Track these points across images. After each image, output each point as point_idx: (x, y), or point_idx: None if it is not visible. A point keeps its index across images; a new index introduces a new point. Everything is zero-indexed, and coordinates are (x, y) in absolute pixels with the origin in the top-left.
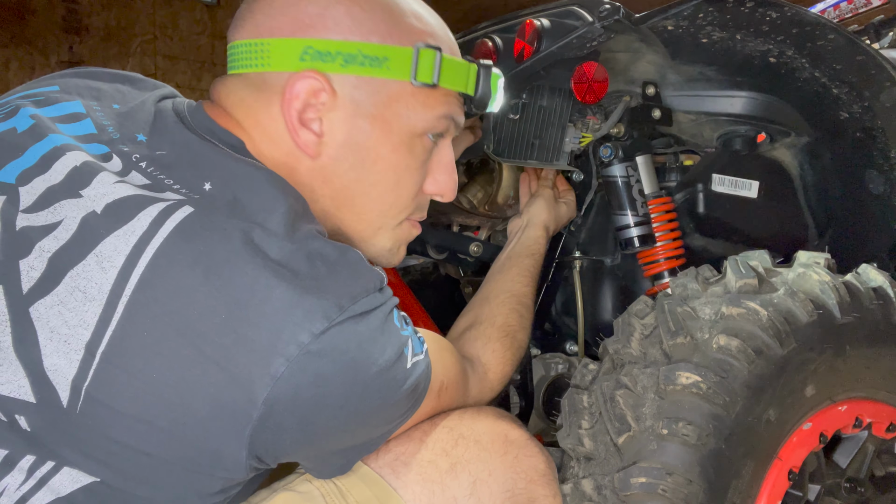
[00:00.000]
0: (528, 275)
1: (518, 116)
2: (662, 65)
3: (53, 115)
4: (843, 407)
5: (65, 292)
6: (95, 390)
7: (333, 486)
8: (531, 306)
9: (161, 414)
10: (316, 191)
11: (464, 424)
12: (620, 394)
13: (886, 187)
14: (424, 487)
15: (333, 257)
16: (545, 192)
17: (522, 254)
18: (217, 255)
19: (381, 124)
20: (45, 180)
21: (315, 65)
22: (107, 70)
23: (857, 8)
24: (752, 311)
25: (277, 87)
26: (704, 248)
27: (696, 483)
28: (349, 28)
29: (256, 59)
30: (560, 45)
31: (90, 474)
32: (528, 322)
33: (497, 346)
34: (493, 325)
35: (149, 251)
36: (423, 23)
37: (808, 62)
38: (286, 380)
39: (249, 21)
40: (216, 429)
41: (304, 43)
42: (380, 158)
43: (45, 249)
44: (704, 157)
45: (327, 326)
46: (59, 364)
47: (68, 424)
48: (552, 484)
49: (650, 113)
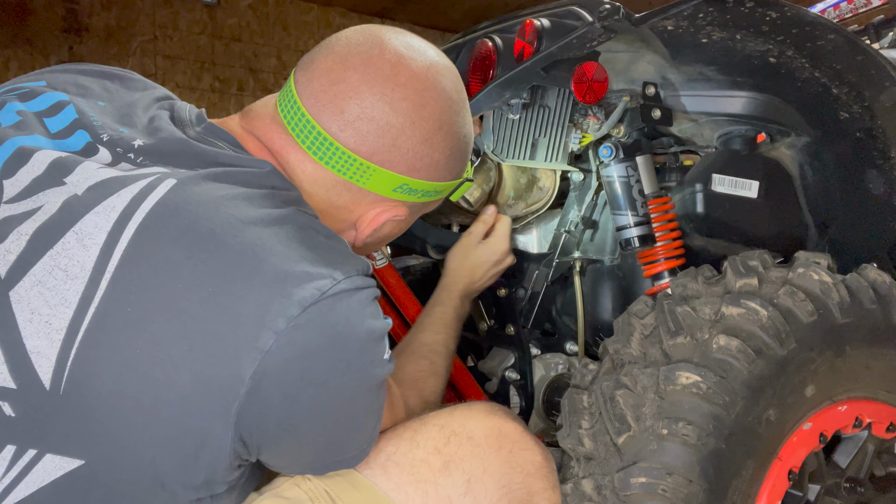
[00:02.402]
0: (440, 322)
1: (518, 116)
2: (662, 65)
3: (38, 108)
4: (843, 407)
5: (43, 272)
6: (78, 370)
7: (323, 491)
8: (443, 352)
9: (145, 392)
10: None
11: (455, 421)
12: (620, 394)
13: (886, 187)
14: (417, 488)
15: (324, 234)
16: (468, 238)
17: (432, 303)
18: (202, 228)
19: (408, 222)
20: (29, 171)
21: (402, 197)
22: (95, 67)
23: (857, 8)
24: (752, 311)
25: (360, 197)
26: (704, 248)
27: (696, 483)
28: (440, 173)
29: (356, 174)
30: (560, 45)
31: (74, 457)
32: (441, 367)
33: (412, 393)
34: (405, 371)
35: (131, 226)
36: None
37: (808, 62)
38: (274, 353)
39: (357, 129)
40: (202, 407)
41: (404, 180)
42: (392, 238)
43: (23, 232)
44: (704, 157)
45: (318, 298)
46: (41, 345)
47: (51, 406)
48: (550, 476)
49: (650, 113)
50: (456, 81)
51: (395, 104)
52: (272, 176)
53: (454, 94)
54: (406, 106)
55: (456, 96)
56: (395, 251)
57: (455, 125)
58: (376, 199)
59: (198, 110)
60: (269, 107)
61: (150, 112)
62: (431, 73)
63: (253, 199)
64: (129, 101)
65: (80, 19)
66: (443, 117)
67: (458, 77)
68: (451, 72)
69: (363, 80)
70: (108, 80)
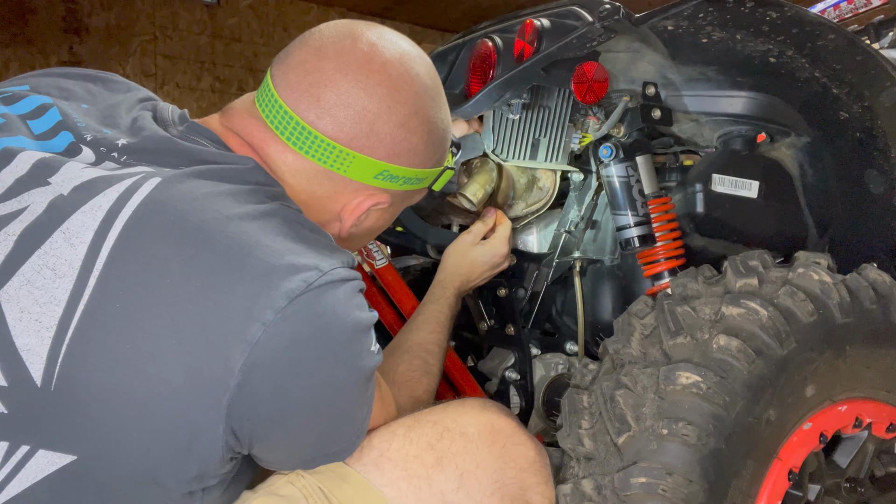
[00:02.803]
0: (434, 321)
1: (518, 116)
2: (662, 65)
3: (22, 111)
4: (843, 407)
5: (31, 271)
6: (70, 366)
7: (317, 488)
8: (436, 350)
9: (136, 387)
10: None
11: (448, 417)
12: (620, 394)
13: (886, 187)
14: (410, 483)
15: (309, 228)
16: (467, 237)
17: (427, 301)
18: (188, 224)
19: (393, 213)
20: (12, 171)
21: (384, 184)
22: (77, 70)
23: (857, 8)
24: (752, 311)
25: (341, 185)
26: (704, 248)
27: (696, 483)
28: (419, 159)
29: (336, 162)
30: (560, 45)
31: (67, 453)
32: (434, 367)
33: (403, 391)
34: (396, 371)
35: (118, 224)
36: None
37: (808, 62)
38: (263, 344)
39: (334, 117)
40: (193, 400)
41: (384, 166)
42: (379, 231)
43: (11, 233)
44: (704, 157)
45: (305, 289)
46: (31, 343)
47: (43, 403)
48: (543, 471)
49: (650, 113)
50: (429, 69)
51: (369, 90)
52: (256, 172)
53: (428, 81)
54: (381, 91)
55: (430, 83)
56: (395, 251)
57: (431, 110)
58: (358, 187)
59: (180, 111)
60: (247, 103)
61: (132, 113)
62: (405, 60)
63: (238, 195)
64: (112, 103)
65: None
66: (418, 102)
67: (431, 66)
68: (424, 60)
69: (337, 69)
70: (90, 82)
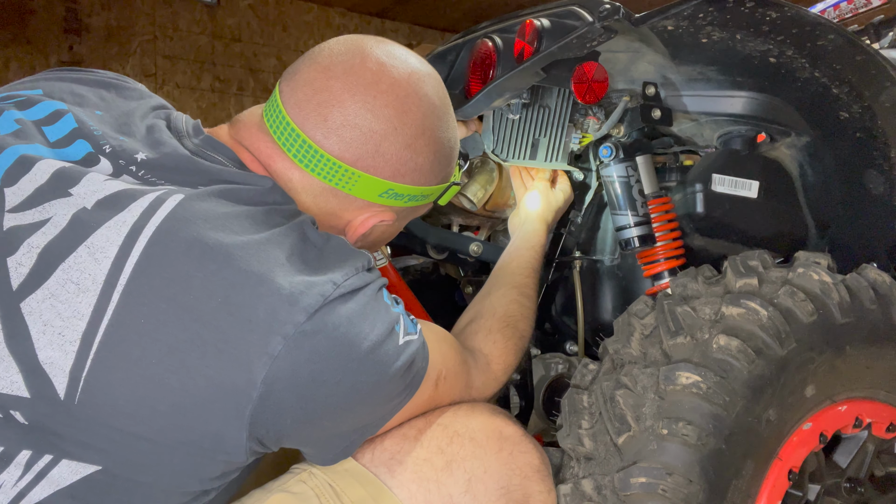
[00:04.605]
0: (529, 266)
1: (518, 116)
2: (662, 65)
3: (36, 117)
4: (843, 407)
5: (56, 285)
6: (94, 380)
7: (328, 486)
8: (533, 296)
9: (161, 399)
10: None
11: (458, 422)
12: (620, 394)
13: (886, 187)
14: (420, 486)
15: (322, 240)
16: (539, 185)
17: (522, 247)
18: (210, 241)
19: (398, 226)
20: (32, 180)
21: (389, 202)
22: (90, 75)
23: (857, 8)
24: (752, 311)
25: (346, 203)
26: (704, 248)
27: (696, 483)
28: (425, 177)
29: (341, 180)
30: (560, 45)
31: (91, 464)
32: (531, 311)
33: (498, 337)
34: (493, 317)
35: (142, 240)
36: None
37: (808, 62)
38: (283, 358)
39: (340, 137)
40: (217, 411)
41: (389, 185)
42: (385, 242)
43: (34, 245)
44: (704, 157)
45: (321, 304)
46: (55, 356)
47: (66, 416)
48: (547, 480)
49: (650, 113)
50: (438, 87)
51: (377, 111)
52: (273, 192)
53: (436, 100)
54: (388, 112)
55: (438, 102)
56: (395, 251)
57: (438, 130)
58: (363, 204)
59: (194, 121)
60: (255, 116)
61: (146, 121)
62: (413, 80)
63: (256, 216)
64: (126, 111)
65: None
66: (425, 122)
67: (440, 83)
68: (433, 78)
69: (345, 89)
70: (103, 89)
